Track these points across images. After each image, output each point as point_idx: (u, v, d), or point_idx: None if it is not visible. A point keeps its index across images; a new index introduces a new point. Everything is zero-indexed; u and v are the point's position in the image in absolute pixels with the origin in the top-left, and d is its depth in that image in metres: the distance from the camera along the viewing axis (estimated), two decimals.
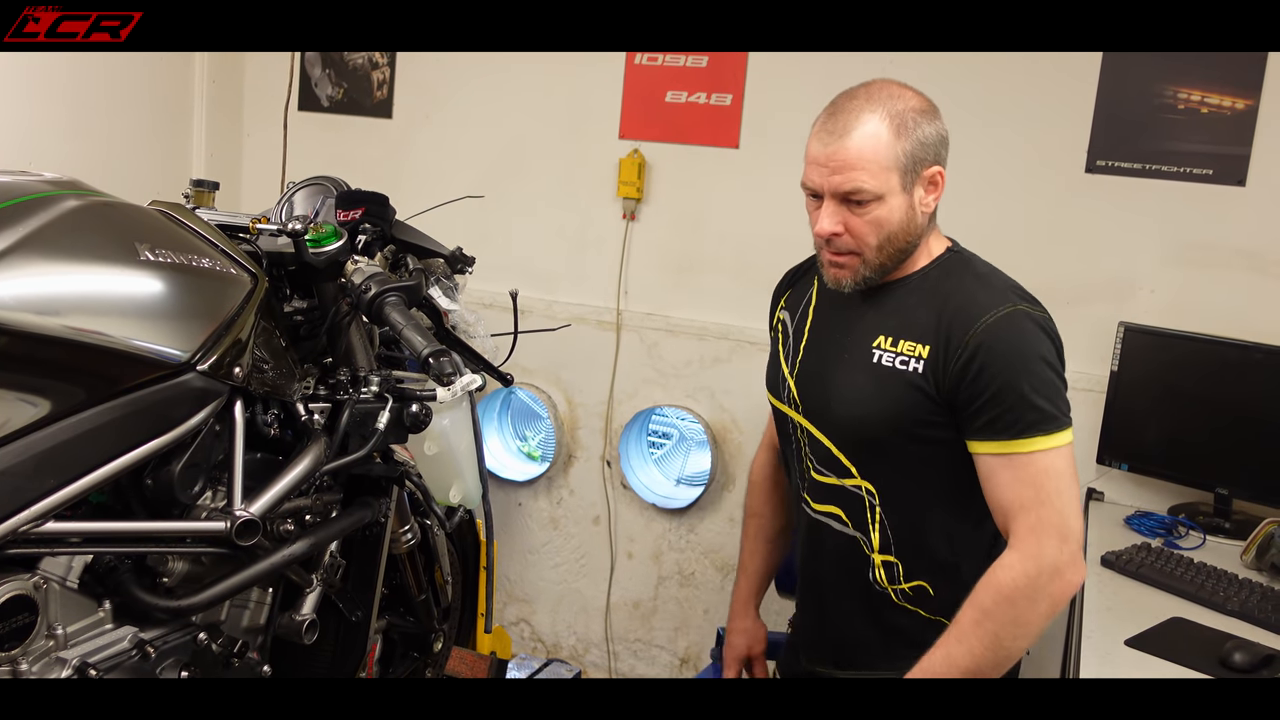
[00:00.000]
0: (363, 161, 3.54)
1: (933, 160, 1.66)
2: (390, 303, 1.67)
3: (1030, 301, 1.66)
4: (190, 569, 1.56)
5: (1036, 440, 1.59)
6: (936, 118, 1.67)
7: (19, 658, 1.37)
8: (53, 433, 1.35)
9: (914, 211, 1.66)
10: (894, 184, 1.62)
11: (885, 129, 1.61)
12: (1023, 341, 1.60)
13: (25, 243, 1.35)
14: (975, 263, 1.75)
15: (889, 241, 1.66)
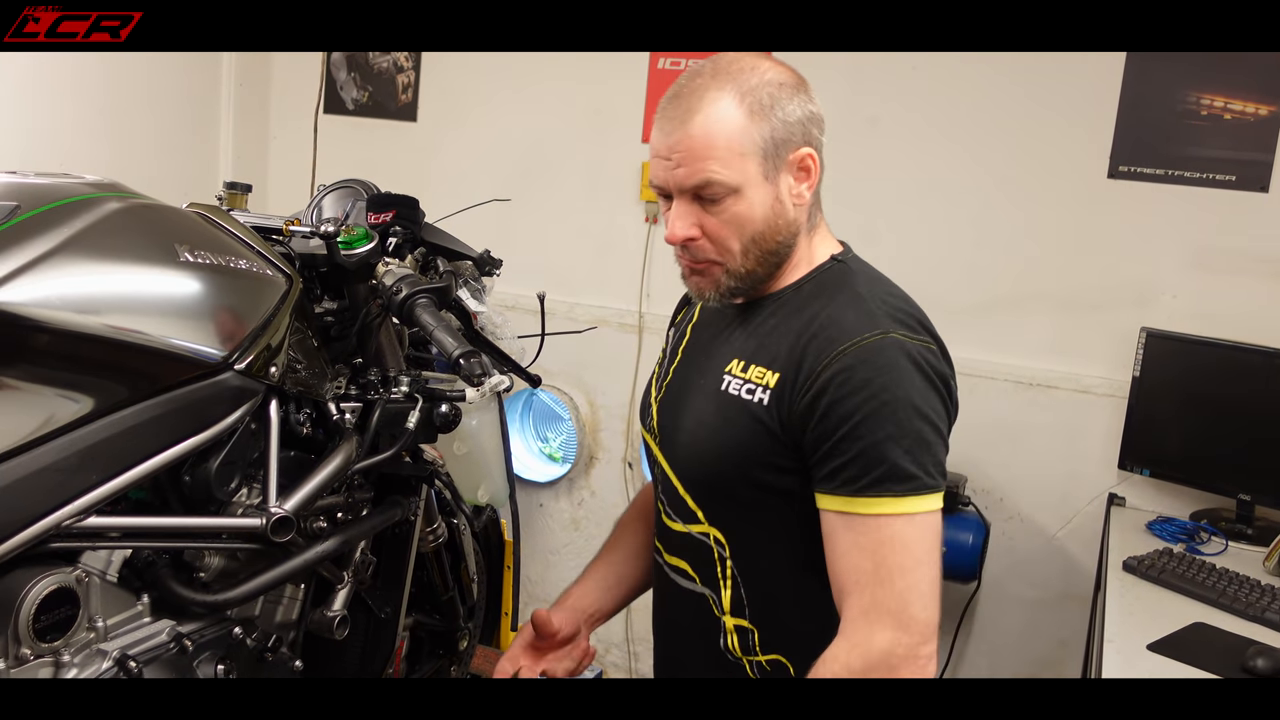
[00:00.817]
0: (387, 165, 3.57)
1: (800, 141, 1.37)
2: (421, 304, 1.70)
3: (912, 329, 1.34)
4: (226, 565, 1.59)
5: (884, 501, 1.26)
6: (802, 92, 1.38)
7: (61, 649, 1.40)
8: (95, 429, 1.38)
9: (782, 205, 1.37)
10: (753, 173, 1.34)
11: (736, 109, 1.33)
12: (888, 378, 1.28)
13: (69, 244, 1.38)
14: (859, 276, 1.42)
15: (754, 243, 1.38)
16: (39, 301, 1.32)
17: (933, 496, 1.28)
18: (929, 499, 1.27)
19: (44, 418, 1.34)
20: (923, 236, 2.97)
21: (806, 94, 1.39)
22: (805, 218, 1.42)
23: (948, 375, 1.35)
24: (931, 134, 2.94)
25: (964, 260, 2.94)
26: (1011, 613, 2.98)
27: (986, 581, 2.89)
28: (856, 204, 3.03)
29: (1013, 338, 2.90)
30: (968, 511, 2.81)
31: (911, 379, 1.29)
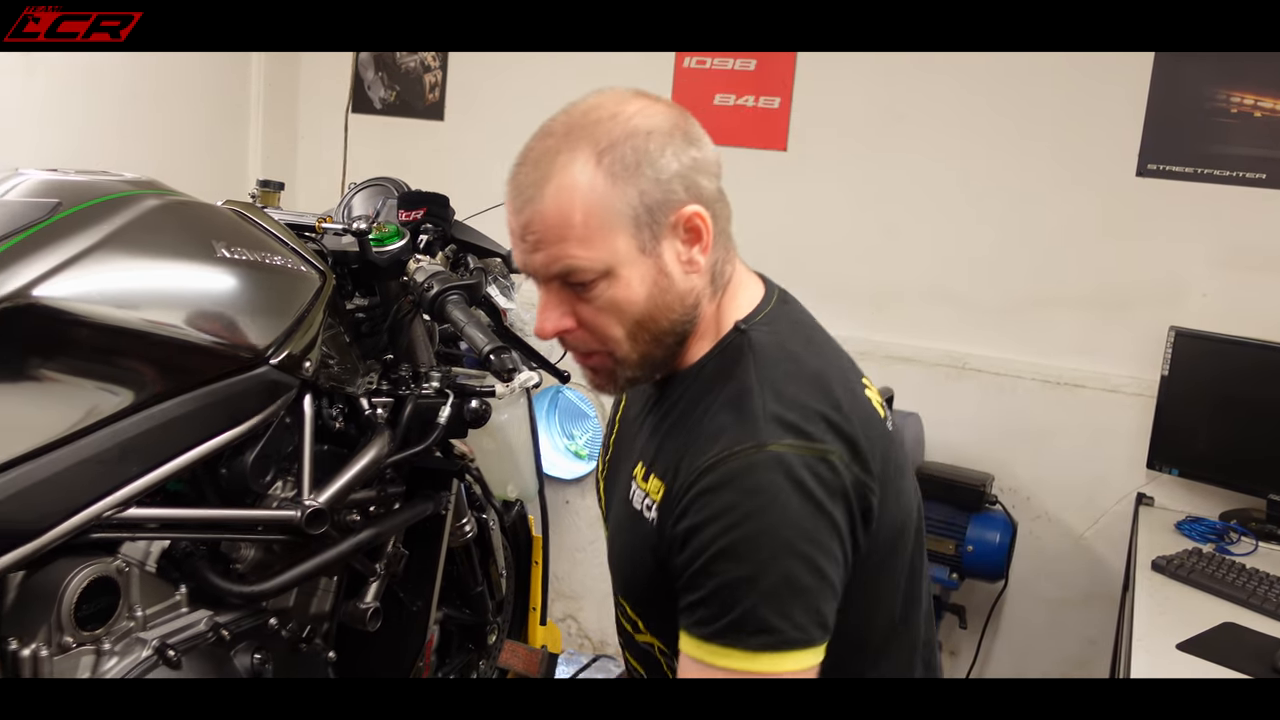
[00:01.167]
0: (415, 163, 3.59)
1: (683, 198, 1.13)
2: (452, 300, 1.71)
3: (804, 434, 1.08)
4: (261, 556, 1.61)
5: (735, 655, 1.04)
6: (679, 137, 1.14)
7: (102, 638, 1.42)
8: (134, 422, 1.41)
9: (669, 278, 1.15)
10: (624, 249, 1.12)
11: (592, 173, 1.10)
12: (753, 504, 1.05)
13: (109, 240, 1.41)
14: (757, 354, 1.17)
15: (641, 327, 1.16)
16: (80, 296, 1.35)
17: (800, 654, 1.04)
18: (795, 656, 1.04)
19: (85, 410, 1.37)
20: (949, 234, 2.97)
21: (686, 137, 1.14)
22: (707, 281, 1.19)
23: (849, 490, 1.09)
24: (959, 131, 2.94)
25: (991, 258, 2.93)
26: (1038, 612, 2.97)
27: (1014, 581, 2.88)
28: (882, 201, 3.04)
29: (1040, 337, 2.90)
30: (995, 510, 2.80)
31: (786, 507, 1.05)
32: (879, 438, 1.16)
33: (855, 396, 1.18)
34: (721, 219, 1.19)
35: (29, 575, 1.39)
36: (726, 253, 1.22)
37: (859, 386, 1.21)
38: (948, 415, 2.96)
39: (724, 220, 1.20)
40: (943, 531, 2.76)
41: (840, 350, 1.25)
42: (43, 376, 1.35)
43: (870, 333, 3.06)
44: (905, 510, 1.22)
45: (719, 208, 1.18)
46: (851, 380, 1.20)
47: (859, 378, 1.24)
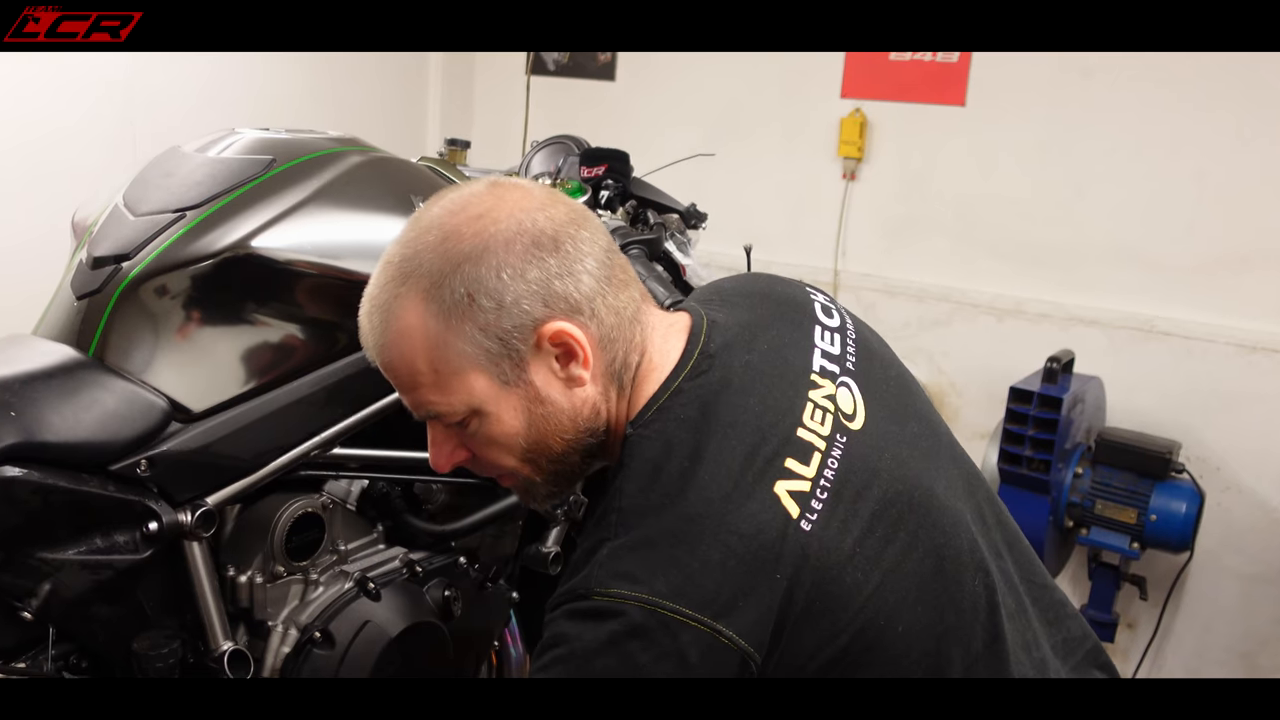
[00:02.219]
0: (587, 123, 3.64)
1: (539, 317, 1.03)
2: (633, 255, 1.74)
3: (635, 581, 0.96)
4: (451, 499, 1.68)
5: None
6: (519, 248, 1.02)
7: (309, 569, 1.52)
8: (340, 367, 1.49)
9: (548, 403, 1.07)
10: (482, 388, 1.04)
11: (423, 317, 1.02)
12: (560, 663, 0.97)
13: (318, 194, 1.49)
14: (629, 480, 1.03)
15: (535, 453, 1.10)
16: (292, 247, 1.43)
17: None
18: None
19: (296, 354, 1.46)
20: (1139, 193, 2.84)
21: (534, 244, 1.03)
22: (604, 386, 1.09)
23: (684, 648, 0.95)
24: (1149, 84, 2.80)
25: (1183, 217, 2.79)
26: (1225, 587, 2.84)
27: (1199, 553, 2.76)
28: (1066, 158, 2.93)
29: (1235, 298, 2.75)
30: (1181, 479, 2.69)
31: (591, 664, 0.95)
32: (768, 565, 0.98)
33: (742, 519, 0.99)
34: (606, 321, 1.06)
35: (244, 508, 1.50)
36: (629, 341, 1.09)
37: (762, 493, 1.01)
38: (1132, 379, 2.85)
39: (615, 310, 1.07)
40: (1124, 500, 2.66)
41: (756, 433, 1.05)
42: (258, 322, 1.44)
43: (1051, 294, 2.96)
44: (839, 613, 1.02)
45: (603, 301, 1.05)
46: (744, 496, 1.00)
47: (777, 467, 1.03)
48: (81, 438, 1.29)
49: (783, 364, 1.12)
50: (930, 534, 1.10)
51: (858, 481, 1.07)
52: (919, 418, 1.19)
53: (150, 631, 1.39)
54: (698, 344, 1.11)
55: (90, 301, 1.40)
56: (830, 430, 1.08)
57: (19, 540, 1.26)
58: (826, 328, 1.19)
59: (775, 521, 1.00)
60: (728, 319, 1.15)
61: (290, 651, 1.48)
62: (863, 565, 1.04)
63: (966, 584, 1.11)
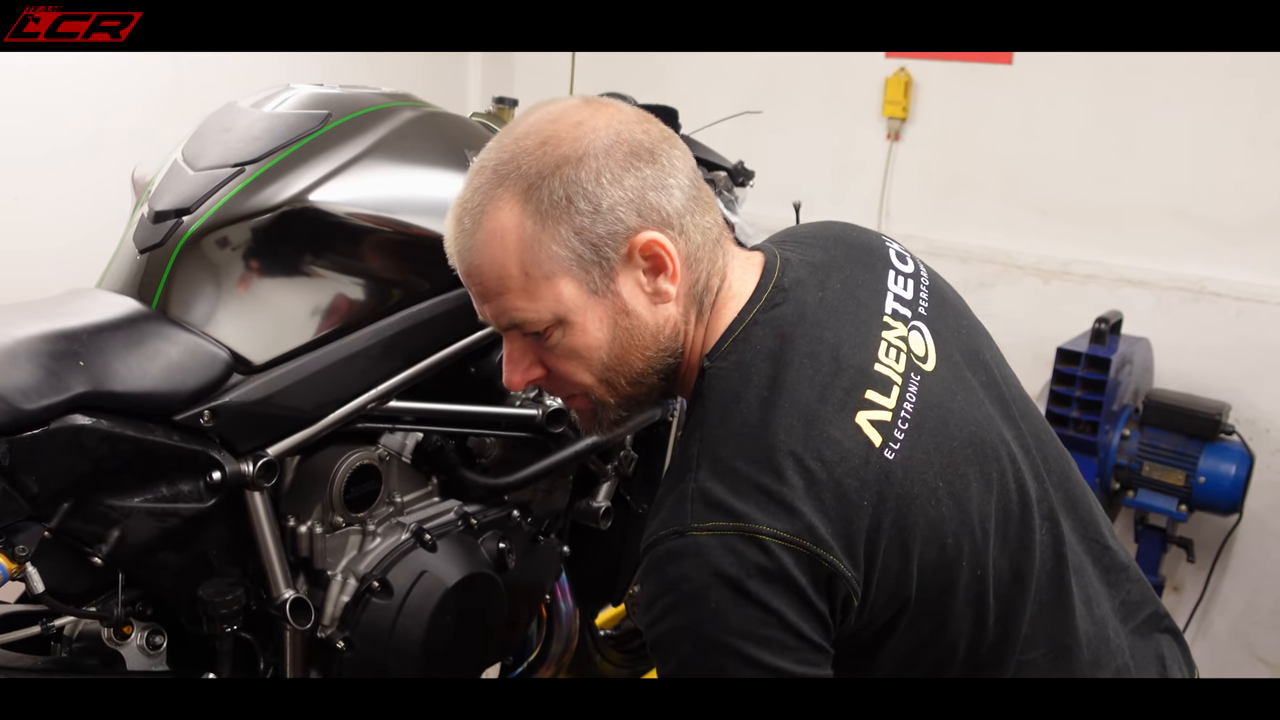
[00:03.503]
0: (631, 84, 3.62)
1: (633, 226, 1.02)
2: None
3: (725, 511, 0.96)
4: (503, 453, 1.70)
5: None
6: (619, 156, 1.01)
7: (367, 519, 1.54)
8: (396, 320, 1.51)
9: (634, 315, 1.05)
10: (571, 295, 1.03)
11: (520, 218, 1.01)
12: (674, 605, 0.97)
13: (374, 149, 1.50)
14: (710, 406, 1.04)
15: (613, 371, 1.08)
16: (349, 201, 1.45)
17: None
18: None
19: (353, 307, 1.48)
20: (1188, 151, 2.79)
21: (631, 154, 1.02)
22: (686, 307, 1.08)
23: (789, 571, 0.94)
24: None
25: (1233, 175, 2.74)
26: (1274, 550, 2.81)
27: (1248, 516, 2.73)
28: (1115, 116, 2.88)
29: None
30: (1231, 441, 2.66)
31: (701, 602, 0.95)
32: (855, 488, 0.99)
33: (822, 444, 0.99)
34: (692, 241, 1.05)
35: (304, 460, 1.52)
36: (713, 264, 1.08)
37: (844, 421, 1.01)
38: (1181, 341, 2.81)
39: (702, 230, 1.06)
40: (1172, 462, 2.64)
41: (838, 364, 1.05)
42: (316, 274, 1.46)
43: (1099, 254, 2.93)
44: (930, 547, 1.03)
45: (691, 220, 1.05)
46: (827, 424, 1.01)
47: (857, 399, 1.03)
48: (147, 388, 1.32)
49: (856, 303, 1.12)
50: (1003, 480, 1.10)
51: (935, 418, 1.06)
52: (989, 367, 1.19)
53: (215, 579, 1.42)
54: (771, 278, 1.11)
55: (152, 255, 1.42)
56: (904, 369, 1.08)
57: (89, 487, 1.29)
58: (900, 273, 1.19)
59: (859, 449, 1.00)
60: (801, 258, 1.15)
61: (349, 600, 1.51)
62: (946, 500, 1.03)
63: (1036, 533, 1.11)
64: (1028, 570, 1.10)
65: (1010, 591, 1.09)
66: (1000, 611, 1.08)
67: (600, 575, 2.00)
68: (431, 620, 1.52)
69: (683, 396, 1.13)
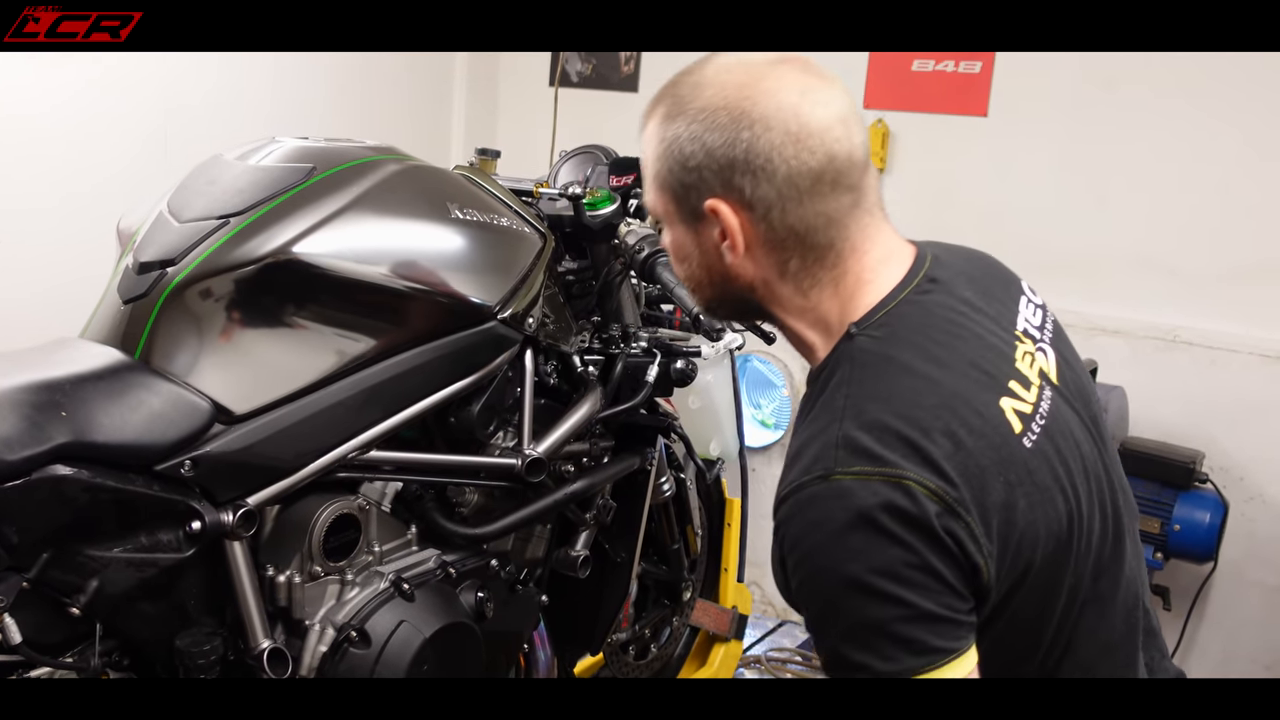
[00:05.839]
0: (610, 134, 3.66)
1: (712, 188, 1.07)
2: (662, 262, 1.76)
3: (873, 459, 0.98)
4: (483, 501, 1.71)
5: None
6: (738, 125, 1.05)
7: (345, 569, 1.55)
8: (377, 371, 1.52)
9: (705, 254, 1.13)
10: (666, 209, 1.13)
11: (653, 135, 1.11)
12: (813, 541, 0.99)
13: (357, 202, 1.52)
14: (859, 365, 1.07)
15: (691, 282, 1.18)
16: (333, 253, 1.47)
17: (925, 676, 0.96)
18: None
19: (335, 358, 1.49)
20: (1162, 203, 2.84)
21: (746, 123, 1.05)
22: (764, 274, 1.12)
23: (932, 524, 0.96)
24: (1171, 94, 2.80)
25: (1206, 227, 2.79)
26: (1250, 598, 2.83)
27: (1223, 564, 2.76)
28: (1090, 171, 2.94)
29: (1258, 309, 2.74)
30: (1205, 489, 2.69)
31: (846, 542, 0.97)
32: (994, 464, 1.01)
33: (968, 415, 1.03)
34: (782, 230, 1.08)
35: (283, 509, 1.53)
36: (820, 259, 1.11)
37: (989, 401, 1.05)
38: (1156, 389, 2.85)
39: (801, 233, 1.08)
40: (1147, 509, 2.66)
41: (980, 354, 1.10)
42: (299, 325, 1.47)
43: (1074, 303, 2.96)
44: (1044, 544, 1.05)
45: (781, 217, 1.07)
46: (972, 398, 1.04)
47: (999, 387, 1.08)
48: (128, 438, 1.33)
49: (995, 311, 1.17)
50: (1103, 509, 1.13)
51: (1061, 430, 1.11)
52: (1091, 405, 1.23)
53: (192, 629, 1.42)
54: (923, 268, 1.15)
55: (136, 306, 1.43)
56: (1039, 378, 1.13)
57: (68, 537, 1.29)
58: (1030, 300, 1.24)
59: (1001, 429, 1.04)
60: (949, 259, 1.20)
61: (327, 650, 1.51)
62: (1064, 506, 1.06)
63: (1123, 573, 1.16)
64: (1110, 595, 1.13)
65: (1093, 622, 1.12)
66: (1077, 638, 1.11)
67: (579, 624, 2.00)
68: (409, 670, 1.52)
69: (805, 356, 1.17)
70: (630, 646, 2.29)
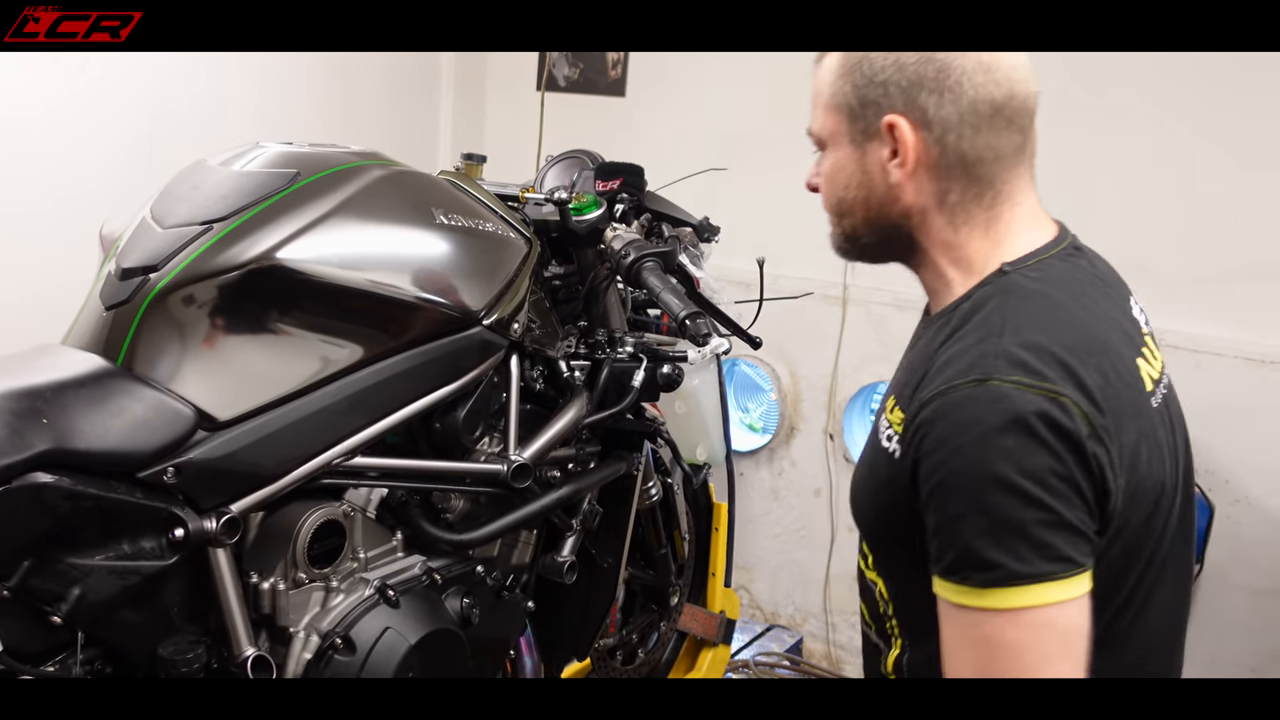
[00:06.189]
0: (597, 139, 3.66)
1: (894, 106, 1.14)
2: (648, 267, 1.76)
3: (1033, 372, 1.02)
4: (469, 507, 1.71)
5: (970, 592, 1.01)
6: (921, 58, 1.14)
7: (330, 575, 1.54)
8: (361, 377, 1.52)
9: (868, 177, 1.18)
10: (835, 130, 1.19)
11: (837, 60, 1.20)
12: (962, 440, 1.02)
13: (341, 207, 1.52)
14: (1010, 298, 1.13)
15: (842, 207, 1.22)
16: (317, 259, 1.46)
17: (1039, 588, 0.98)
18: (1033, 591, 0.98)
19: (319, 364, 1.49)
20: (1148, 205, 2.85)
21: (930, 62, 1.13)
22: (922, 201, 1.17)
23: (1082, 440, 1.00)
24: (1154, 98, 2.82)
25: (1191, 230, 2.80)
26: (1237, 602, 2.84)
27: (1208, 567, 2.77)
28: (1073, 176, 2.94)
29: (1244, 312, 2.75)
30: None
31: (997, 442, 1.00)
32: (1130, 409, 1.06)
33: (1115, 360, 1.08)
34: (954, 154, 1.14)
35: (267, 516, 1.52)
36: (977, 195, 1.17)
37: (1129, 356, 1.11)
38: None
39: (971, 161, 1.15)
40: None
41: (1121, 318, 1.17)
42: (283, 332, 1.47)
43: None
44: (1148, 499, 1.08)
45: (957, 141, 1.13)
46: (1118, 347, 1.10)
47: (1135, 349, 1.14)
48: (110, 445, 1.32)
49: (1120, 297, 1.23)
50: (1186, 503, 1.20)
51: (1175, 405, 1.19)
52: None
53: (175, 637, 1.41)
54: (1067, 237, 1.23)
55: (119, 312, 1.42)
56: (1157, 357, 1.20)
57: (49, 545, 1.28)
58: (1138, 305, 1.28)
59: (1137, 383, 1.10)
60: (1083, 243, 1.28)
61: (311, 657, 1.50)
62: (1173, 474, 1.12)
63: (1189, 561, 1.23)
64: (1173, 590, 1.18)
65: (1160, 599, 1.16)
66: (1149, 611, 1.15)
67: (565, 630, 2.00)
68: (394, 677, 1.51)
69: (932, 294, 1.24)
70: (617, 652, 2.29)
